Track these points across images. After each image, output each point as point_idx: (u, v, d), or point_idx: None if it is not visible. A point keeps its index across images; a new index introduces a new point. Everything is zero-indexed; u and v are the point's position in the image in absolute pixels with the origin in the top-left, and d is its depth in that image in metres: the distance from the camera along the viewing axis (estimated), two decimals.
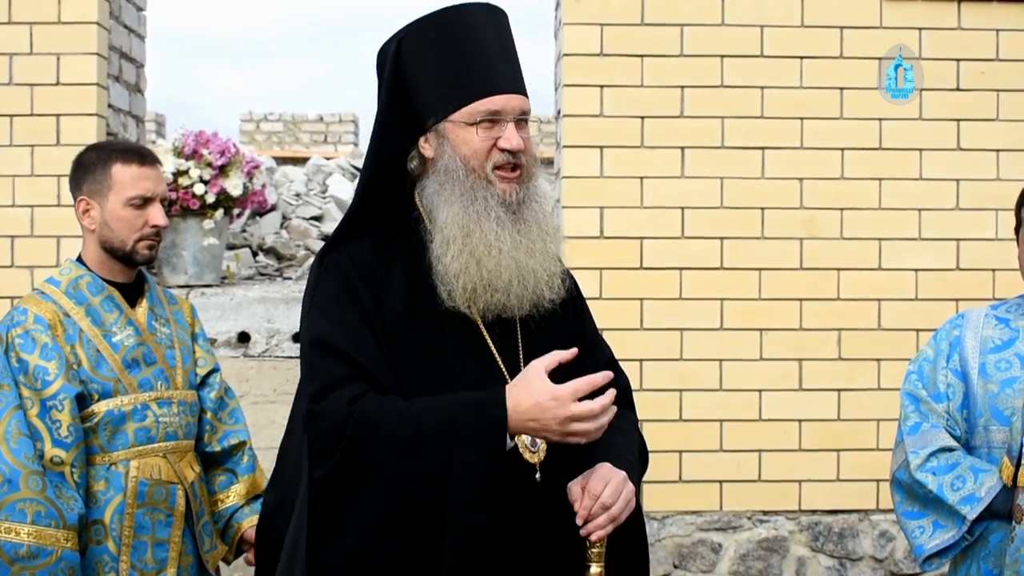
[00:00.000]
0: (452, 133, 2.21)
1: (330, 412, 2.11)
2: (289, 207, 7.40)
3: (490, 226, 2.18)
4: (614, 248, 4.34)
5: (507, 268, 2.20)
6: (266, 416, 4.46)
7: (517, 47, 2.31)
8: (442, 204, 2.21)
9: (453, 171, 2.21)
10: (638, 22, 4.37)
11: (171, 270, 4.71)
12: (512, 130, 2.21)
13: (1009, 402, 2.73)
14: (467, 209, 2.19)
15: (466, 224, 2.19)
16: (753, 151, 4.40)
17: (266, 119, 14.22)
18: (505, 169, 2.22)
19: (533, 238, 2.24)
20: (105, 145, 2.97)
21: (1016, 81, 4.43)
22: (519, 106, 2.22)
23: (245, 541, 3.00)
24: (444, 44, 2.21)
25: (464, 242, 2.18)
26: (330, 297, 2.22)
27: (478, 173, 2.20)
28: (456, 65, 2.20)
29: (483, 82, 2.20)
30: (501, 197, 2.21)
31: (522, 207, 2.23)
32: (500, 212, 2.20)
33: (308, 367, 2.21)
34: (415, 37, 2.24)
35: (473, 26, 2.23)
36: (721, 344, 4.40)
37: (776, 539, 4.45)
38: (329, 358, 2.16)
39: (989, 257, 4.39)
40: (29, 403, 2.67)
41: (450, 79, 2.20)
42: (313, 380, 2.16)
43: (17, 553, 2.58)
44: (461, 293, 2.19)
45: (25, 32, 4.33)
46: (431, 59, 2.21)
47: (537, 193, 2.28)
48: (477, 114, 2.19)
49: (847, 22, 4.41)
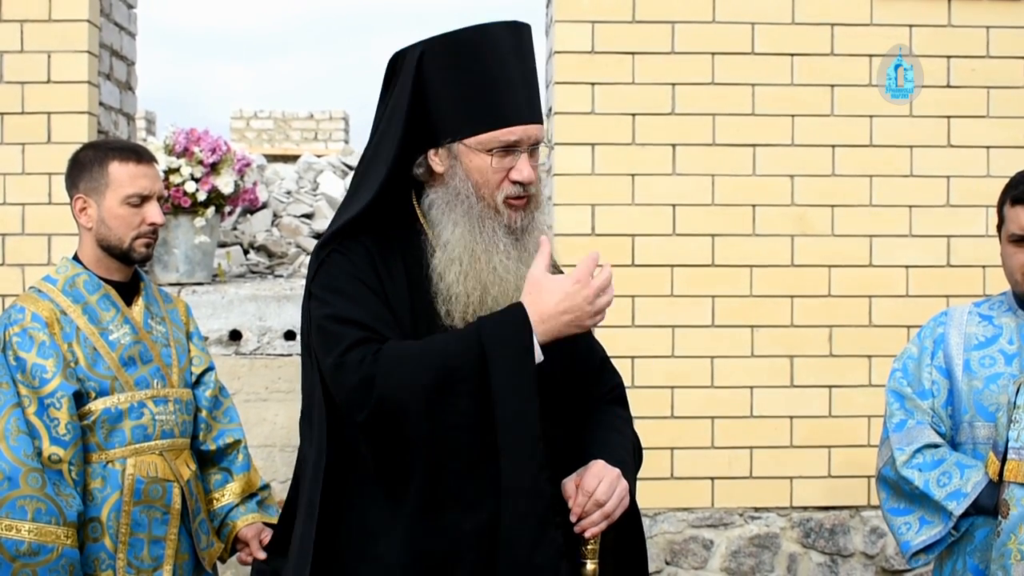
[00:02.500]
0: (465, 156, 2.21)
1: (356, 363, 2.11)
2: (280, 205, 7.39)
3: (499, 257, 2.21)
4: (605, 245, 4.35)
5: (507, 296, 2.21)
6: (258, 414, 4.46)
7: (537, 64, 2.31)
8: (448, 222, 2.23)
9: (464, 194, 2.22)
10: (629, 19, 4.37)
11: (162, 268, 4.70)
12: (525, 161, 2.22)
13: (993, 398, 2.75)
14: (474, 234, 2.21)
15: (473, 249, 2.20)
16: (744, 148, 4.41)
17: (256, 116, 14.17)
18: (514, 199, 2.24)
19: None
20: (101, 143, 2.97)
21: (1007, 78, 4.44)
22: (535, 136, 2.23)
23: (240, 540, 3.00)
24: (466, 66, 2.20)
25: (471, 265, 2.20)
26: (335, 279, 2.23)
27: (487, 202, 2.22)
28: (476, 90, 2.20)
29: (502, 112, 2.20)
30: (508, 225, 2.23)
31: (524, 234, 2.26)
32: (506, 240, 2.22)
33: (324, 339, 2.20)
34: (438, 52, 2.22)
35: (497, 51, 2.22)
36: (712, 341, 4.41)
37: (767, 536, 4.46)
38: (345, 327, 2.17)
39: (980, 253, 4.40)
40: (27, 401, 2.67)
41: (469, 103, 2.20)
42: (334, 346, 2.16)
43: (18, 550, 2.59)
44: (460, 314, 2.21)
45: (16, 30, 4.32)
46: (452, 79, 2.21)
47: (540, 220, 2.30)
48: (494, 143, 2.20)
49: (838, 19, 4.42)
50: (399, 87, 2.26)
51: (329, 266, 2.25)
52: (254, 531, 3.00)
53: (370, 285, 2.21)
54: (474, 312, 2.20)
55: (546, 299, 2.14)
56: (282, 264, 6.14)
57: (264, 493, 3.11)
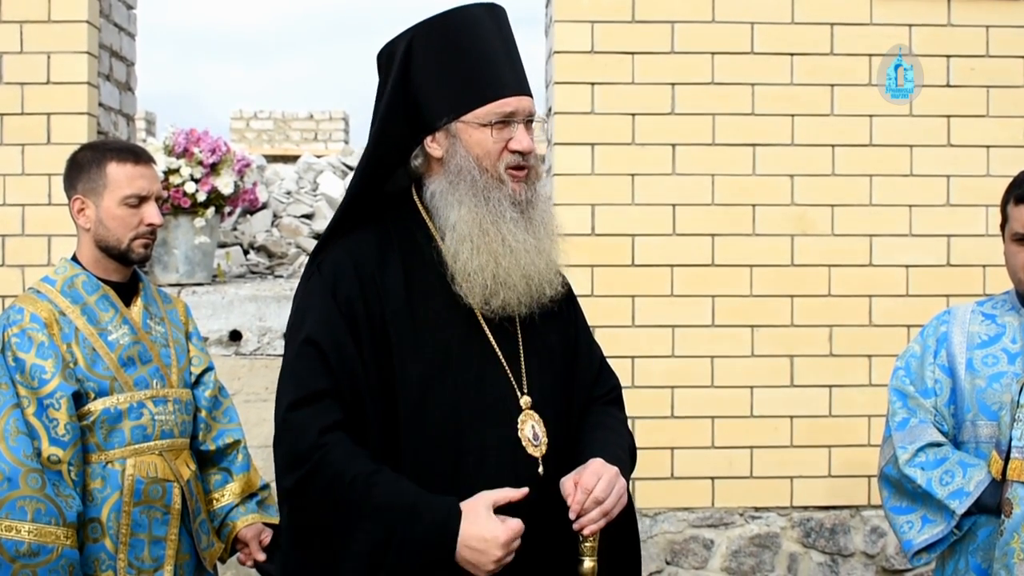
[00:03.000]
0: (464, 133, 2.23)
1: (300, 433, 2.15)
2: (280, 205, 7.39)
3: (507, 225, 2.22)
4: (605, 245, 4.35)
5: (518, 266, 2.23)
6: (258, 414, 4.46)
7: (517, 45, 2.33)
8: (453, 203, 2.24)
9: (466, 171, 2.23)
10: (629, 19, 4.37)
11: (162, 268, 4.70)
12: (523, 131, 2.25)
13: (996, 397, 2.75)
14: (480, 208, 2.22)
15: (482, 222, 2.22)
16: (744, 148, 4.40)
17: (256, 117, 14.17)
18: (515, 169, 2.25)
19: (540, 238, 2.28)
20: (100, 144, 2.97)
21: (1006, 77, 4.44)
22: (529, 108, 2.26)
23: (240, 540, 3.00)
24: (453, 46, 2.23)
25: (481, 239, 2.21)
26: (320, 298, 2.23)
27: (491, 173, 2.24)
28: (467, 67, 2.23)
29: (495, 84, 2.23)
30: (512, 196, 2.25)
31: (529, 207, 2.28)
32: (513, 212, 2.24)
33: (290, 367, 2.22)
34: (423, 38, 2.25)
35: (479, 28, 2.25)
36: (712, 341, 4.40)
37: (768, 535, 4.46)
38: (313, 363, 2.18)
39: (980, 253, 4.40)
40: (26, 402, 2.67)
41: (462, 81, 2.23)
42: (295, 386, 2.19)
43: (18, 551, 2.59)
44: (480, 291, 2.22)
45: (15, 31, 4.32)
46: (441, 60, 2.23)
47: (542, 194, 2.33)
48: (491, 115, 2.22)
49: (838, 19, 4.42)
50: (392, 82, 2.27)
51: (319, 281, 2.26)
52: (254, 532, 3.00)
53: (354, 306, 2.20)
54: (490, 287, 2.21)
55: (472, 531, 2.08)
56: (282, 264, 6.14)
57: (264, 493, 3.11)
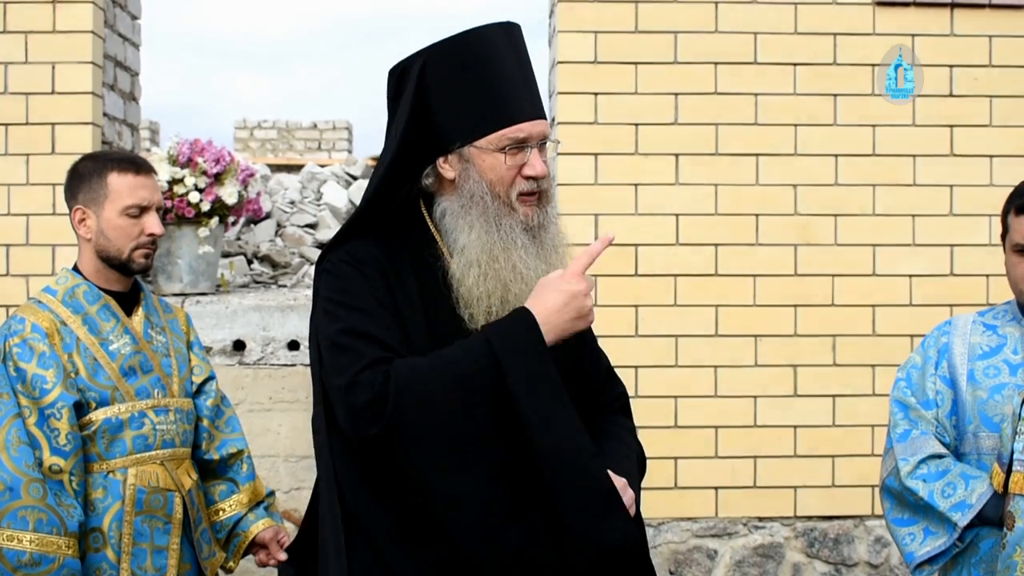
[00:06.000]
0: (478, 158, 2.23)
1: (368, 383, 2.11)
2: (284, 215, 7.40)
3: (518, 252, 2.23)
4: (609, 255, 4.29)
5: (528, 292, 2.23)
6: (262, 424, 4.46)
7: (531, 61, 2.34)
8: (463, 227, 2.24)
9: (479, 196, 2.23)
10: (632, 29, 4.38)
11: (166, 278, 4.71)
12: (536, 156, 2.25)
13: (998, 408, 2.73)
14: (491, 234, 2.22)
15: (492, 249, 2.22)
16: (747, 158, 4.41)
17: (260, 126, 14.19)
18: (528, 195, 2.26)
19: (552, 263, 2.29)
20: (100, 154, 2.98)
21: (1009, 87, 4.44)
22: (542, 132, 2.26)
23: (257, 543, 3.02)
24: (469, 69, 2.23)
25: (490, 266, 2.22)
26: (346, 292, 2.23)
27: (503, 199, 2.24)
28: (482, 91, 2.23)
29: (509, 109, 2.23)
30: (524, 223, 2.26)
31: (541, 230, 2.29)
32: (524, 239, 2.25)
33: (337, 353, 2.19)
34: (439, 60, 2.25)
35: (495, 51, 2.25)
36: (716, 350, 4.40)
37: (772, 545, 4.45)
38: (360, 341, 2.17)
39: (983, 263, 4.40)
40: (27, 412, 2.67)
41: (477, 105, 2.23)
42: (348, 364, 2.15)
43: (20, 560, 2.58)
44: (485, 316, 2.22)
45: (20, 41, 4.33)
46: (456, 83, 2.23)
47: (553, 216, 2.33)
48: (505, 141, 2.22)
49: (841, 29, 4.42)
50: (404, 100, 2.27)
51: (338, 276, 2.25)
52: (271, 533, 3.02)
53: (380, 298, 2.22)
54: (496, 312, 2.22)
55: (548, 300, 2.16)
56: (286, 274, 6.14)
57: (269, 499, 3.11)
